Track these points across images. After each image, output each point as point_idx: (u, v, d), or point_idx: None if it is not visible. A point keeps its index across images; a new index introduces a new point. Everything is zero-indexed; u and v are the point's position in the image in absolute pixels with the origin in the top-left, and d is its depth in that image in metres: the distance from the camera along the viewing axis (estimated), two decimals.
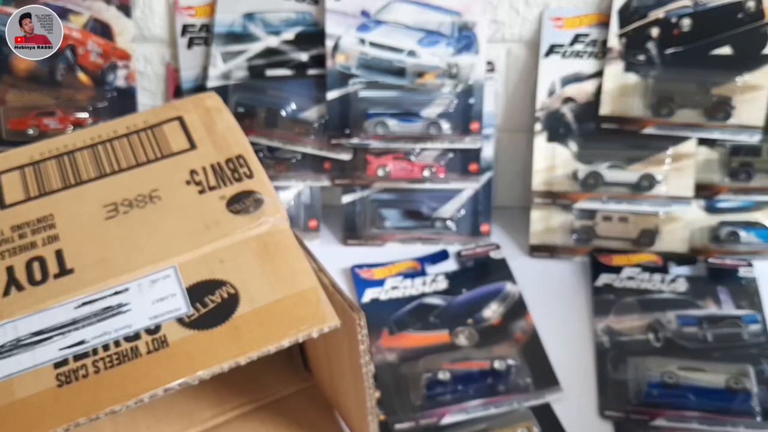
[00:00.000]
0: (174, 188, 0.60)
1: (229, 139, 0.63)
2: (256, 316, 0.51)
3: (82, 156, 0.64)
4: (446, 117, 0.88)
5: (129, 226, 0.57)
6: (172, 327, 0.51)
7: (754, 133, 0.84)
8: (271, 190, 0.59)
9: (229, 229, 0.56)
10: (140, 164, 0.62)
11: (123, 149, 0.64)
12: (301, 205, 0.93)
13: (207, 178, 0.60)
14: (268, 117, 0.89)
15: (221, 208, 0.58)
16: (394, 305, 0.84)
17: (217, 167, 0.61)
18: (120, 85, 0.91)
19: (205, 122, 0.65)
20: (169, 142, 0.63)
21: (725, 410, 0.71)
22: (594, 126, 0.87)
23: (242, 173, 0.60)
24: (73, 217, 0.59)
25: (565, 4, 0.86)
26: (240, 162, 0.61)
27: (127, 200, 0.59)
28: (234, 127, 0.64)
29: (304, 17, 0.87)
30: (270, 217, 0.57)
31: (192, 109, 0.66)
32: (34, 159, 0.64)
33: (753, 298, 0.82)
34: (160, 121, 0.65)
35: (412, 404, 0.73)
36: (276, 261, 0.54)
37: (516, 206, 0.96)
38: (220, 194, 0.59)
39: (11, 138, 0.91)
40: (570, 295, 0.85)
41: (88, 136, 0.66)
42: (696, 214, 0.88)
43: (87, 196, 0.60)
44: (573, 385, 0.75)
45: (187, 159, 0.62)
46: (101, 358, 0.50)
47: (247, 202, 0.58)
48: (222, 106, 0.67)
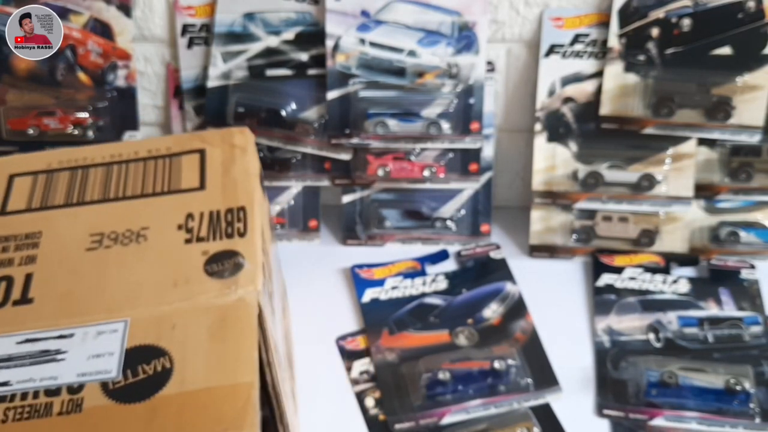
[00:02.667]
0: (164, 230, 0.58)
1: (240, 186, 0.62)
2: (179, 401, 0.48)
3: (95, 174, 0.64)
4: (446, 117, 0.88)
5: (104, 263, 0.56)
6: (94, 391, 0.49)
7: (754, 133, 0.84)
8: (256, 254, 0.56)
9: (196, 291, 0.54)
10: (144, 195, 0.61)
11: (135, 175, 0.63)
12: (301, 205, 0.93)
13: (200, 227, 0.58)
14: (268, 117, 0.89)
15: (198, 266, 0.55)
16: (394, 305, 0.84)
17: (214, 216, 0.59)
18: (120, 85, 0.91)
19: (224, 161, 0.64)
20: (180, 177, 0.63)
21: (724, 411, 0.71)
22: (594, 126, 0.87)
23: (236, 228, 0.58)
24: (58, 239, 0.58)
25: (565, 4, 0.85)
26: (239, 215, 0.59)
27: (114, 233, 0.58)
28: (251, 172, 0.63)
29: (304, 17, 0.87)
30: (241, 288, 0.53)
31: (218, 143, 0.66)
32: (51, 167, 0.65)
33: (755, 299, 0.82)
34: (182, 150, 0.65)
35: (412, 404, 0.73)
36: (226, 342, 0.51)
37: (516, 206, 0.96)
38: (204, 248, 0.56)
39: (11, 138, 0.91)
40: (570, 295, 0.85)
41: (110, 152, 0.66)
42: (696, 214, 0.88)
43: (81, 220, 0.60)
44: (573, 385, 0.75)
45: (191, 200, 0.61)
46: (14, 407, 0.48)
47: (226, 265, 0.55)
48: (248, 146, 0.65)
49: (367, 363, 0.78)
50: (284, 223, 0.93)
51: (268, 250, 0.63)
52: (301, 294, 0.85)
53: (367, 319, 0.82)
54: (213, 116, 0.90)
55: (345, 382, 0.77)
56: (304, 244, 0.94)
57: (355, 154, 0.90)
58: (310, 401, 0.74)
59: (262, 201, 0.65)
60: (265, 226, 0.64)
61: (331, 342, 0.81)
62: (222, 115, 0.89)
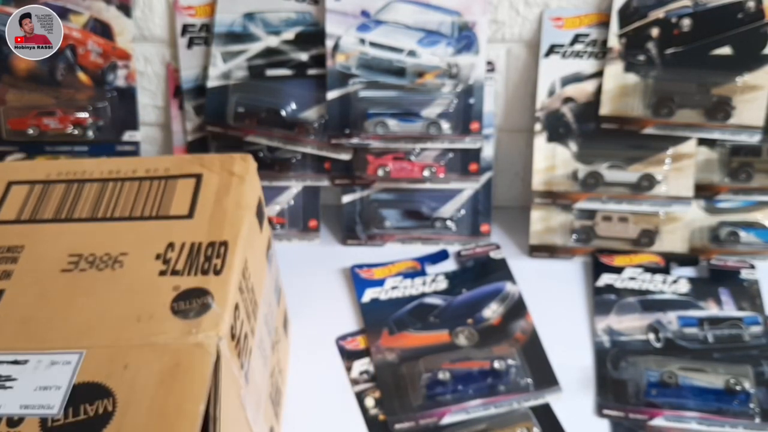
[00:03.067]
0: (141, 258, 0.57)
1: (228, 219, 0.60)
2: None
3: (90, 189, 0.63)
4: (446, 117, 0.88)
5: (74, 287, 0.55)
6: (33, 427, 0.47)
7: (754, 133, 0.84)
8: (228, 295, 0.54)
9: (156, 330, 0.52)
10: (132, 218, 0.61)
11: (128, 195, 0.63)
12: (301, 205, 0.93)
13: (178, 259, 0.57)
14: (268, 117, 0.89)
15: (166, 302, 0.53)
16: (394, 305, 0.84)
17: (195, 248, 0.57)
18: (120, 85, 0.91)
19: (219, 189, 0.62)
20: (171, 202, 0.62)
21: (724, 411, 0.71)
22: (594, 126, 0.87)
23: (213, 265, 0.56)
24: (37, 256, 0.58)
25: (565, 4, 0.85)
26: (220, 250, 0.57)
27: (92, 256, 0.57)
28: (243, 204, 0.61)
29: (304, 17, 0.87)
30: (202, 333, 0.51)
31: (217, 169, 0.64)
32: (49, 177, 0.64)
33: (755, 299, 0.82)
34: (180, 173, 0.64)
35: (412, 404, 0.73)
36: (172, 391, 0.49)
37: (516, 206, 0.96)
38: (176, 283, 0.55)
39: (11, 138, 0.91)
40: (570, 295, 0.85)
41: (108, 168, 0.65)
42: (696, 214, 0.88)
43: (64, 237, 0.59)
44: (573, 385, 0.75)
45: (176, 228, 0.59)
46: None
47: (193, 303, 0.53)
48: (247, 175, 0.64)
49: (367, 363, 0.78)
50: (284, 223, 0.93)
51: (254, 286, 0.62)
52: (301, 294, 0.85)
53: (367, 319, 0.82)
54: (213, 116, 0.90)
55: (345, 382, 0.77)
56: (304, 244, 0.94)
57: (355, 154, 0.90)
58: (310, 401, 0.74)
59: (254, 234, 0.63)
60: (256, 260, 0.63)
61: (331, 342, 0.81)
62: (222, 115, 0.89)
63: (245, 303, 0.58)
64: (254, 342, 0.60)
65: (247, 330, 0.58)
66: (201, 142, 0.92)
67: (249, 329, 0.59)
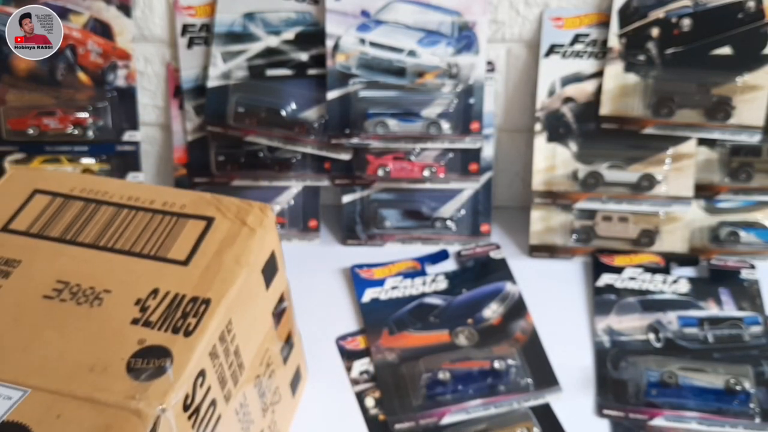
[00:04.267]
0: (122, 300, 0.55)
1: (221, 274, 0.57)
2: None
3: (104, 212, 0.62)
4: (446, 117, 0.88)
5: (49, 318, 0.54)
6: None
7: (754, 133, 0.84)
8: (190, 363, 0.51)
9: (103, 385, 0.49)
10: (131, 253, 0.59)
11: (136, 226, 0.61)
12: (301, 205, 0.93)
13: (156, 309, 0.54)
14: (268, 117, 0.89)
15: (125, 356, 0.51)
16: (394, 305, 0.84)
17: (176, 301, 0.55)
18: (120, 85, 0.91)
19: (225, 239, 0.59)
20: (173, 244, 0.59)
21: (724, 411, 0.71)
22: (594, 126, 0.87)
23: (186, 324, 0.53)
24: (29, 276, 0.57)
25: (565, 4, 0.85)
26: (200, 308, 0.54)
27: (77, 287, 0.56)
28: (243, 261, 0.58)
29: (304, 17, 0.87)
30: (144, 401, 0.48)
31: (231, 215, 0.61)
32: (72, 192, 0.63)
33: (755, 299, 0.82)
34: (194, 213, 0.61)
35: (412, 404, 0.73)
36: None
37: (516, 206, 0.96)
38: (143, 336, 0.52)
39: (11, 138, 0.91)
40: (570, 295, 0.85)
41: (129, 192, 0.63)
42: (696, 214, 0.88)
43: (61, 260, 0.58)
44: (573, 385, 0.75)
45: (167, 273, 0.57)
46: None
47: (149, 365, 0.50)
48: (260, 228, 0.61)
49: (367, 363, 0.78)
50: (284, 223, 0.93)
51: (240, 349, 0.58)
52: (301, 294, 0.84)
53: (367, 319, 0.82)
54: (213, 116, 0.90)
55: (345, 382, 0.77)
56: (304, 244, 0.94)
57: (355, 154, 0.90)
58: (310, 401, 0.74)
59: (254, 292, 0.60)
60: (251, 320, 0.60)
61: (331, 342, 0.81)
62: (222, 115, 0.89)
63: (219, 368, 0.55)
64: (229, 408, 0.57)
65: (217, 397, 0.55)
66: (201, 142, 0.92)
67: (221, 396, 0.56)
